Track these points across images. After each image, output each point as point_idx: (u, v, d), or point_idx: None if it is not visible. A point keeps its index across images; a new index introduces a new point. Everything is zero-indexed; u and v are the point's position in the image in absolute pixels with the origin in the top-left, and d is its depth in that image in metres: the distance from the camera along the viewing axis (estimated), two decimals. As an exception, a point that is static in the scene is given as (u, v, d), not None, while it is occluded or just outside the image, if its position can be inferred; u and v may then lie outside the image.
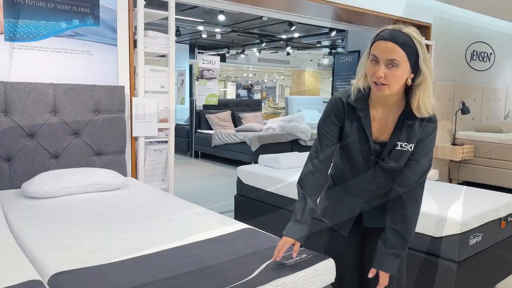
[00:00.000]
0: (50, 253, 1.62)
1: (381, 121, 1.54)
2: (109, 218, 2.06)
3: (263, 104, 10.88)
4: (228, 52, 12.28)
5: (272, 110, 15.45)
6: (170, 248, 1.67)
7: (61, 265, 1.50)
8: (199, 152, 8.56)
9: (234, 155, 7.57)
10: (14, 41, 2.67)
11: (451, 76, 5.77)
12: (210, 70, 8.29)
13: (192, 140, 8.53)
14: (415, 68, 1.42)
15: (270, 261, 1.53)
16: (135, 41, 3.17)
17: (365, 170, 1.59)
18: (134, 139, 3.25)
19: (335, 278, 1.63)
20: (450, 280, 2.31)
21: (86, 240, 1.77)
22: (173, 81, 3.36)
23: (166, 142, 3.42)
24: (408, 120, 1.50)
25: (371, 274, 1.57)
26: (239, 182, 3.81)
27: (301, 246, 1.57)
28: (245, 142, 7.30)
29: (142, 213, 2.17)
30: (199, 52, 8.39)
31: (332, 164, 1.71)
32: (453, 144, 5.53)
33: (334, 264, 1.62)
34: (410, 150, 1.52)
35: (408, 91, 1.49)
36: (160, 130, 3.38)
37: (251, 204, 3.68)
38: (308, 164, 1.63)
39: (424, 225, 2.39)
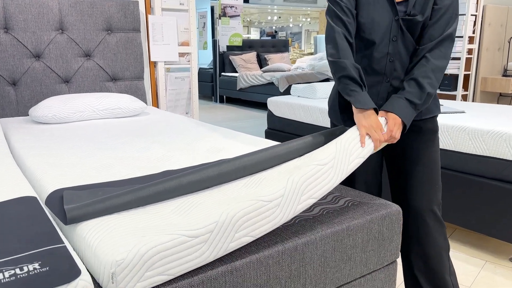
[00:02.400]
0: (51, 171, 1.34)
1: None
2: (124, 140, 1.77)
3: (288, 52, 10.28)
4: (252, -9, 11.54)
5: (298, 56, 14.75)
6: (197, 165, 1.37)
7: (63, 182, 1.22)
8: (224, 96, 8.21)
9: (261, 98, 7.18)
10: None
11: (505, -2, 5.10)
12: (233, 7, 7.76)
13: (217, 84, 8.16)
14: None
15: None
16: (148, -50, 2.76)
17: (389, 38, 1.34)
18: (153, 65, 2.92)
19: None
20: (526, 211, 1.95)
21: (94, 158, 1.48)
22: (193, -2, 2.96)
23: (188, 70, 3.08)
24: None
25: (378, 114, 1.29)
26: (270, 115, 3.47)
27: None
28: (272, 83, 6.89)
29: (164, 135, 1.86)
30: (221, -12, 7.81)
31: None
32: (504, 75, 4.98)
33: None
34: None
35: None
36: (181, 55, 3.03)
37: (284, 137, 3.35)
38: (329, 49, 1.31)
39: (495, 147, 2.00)
